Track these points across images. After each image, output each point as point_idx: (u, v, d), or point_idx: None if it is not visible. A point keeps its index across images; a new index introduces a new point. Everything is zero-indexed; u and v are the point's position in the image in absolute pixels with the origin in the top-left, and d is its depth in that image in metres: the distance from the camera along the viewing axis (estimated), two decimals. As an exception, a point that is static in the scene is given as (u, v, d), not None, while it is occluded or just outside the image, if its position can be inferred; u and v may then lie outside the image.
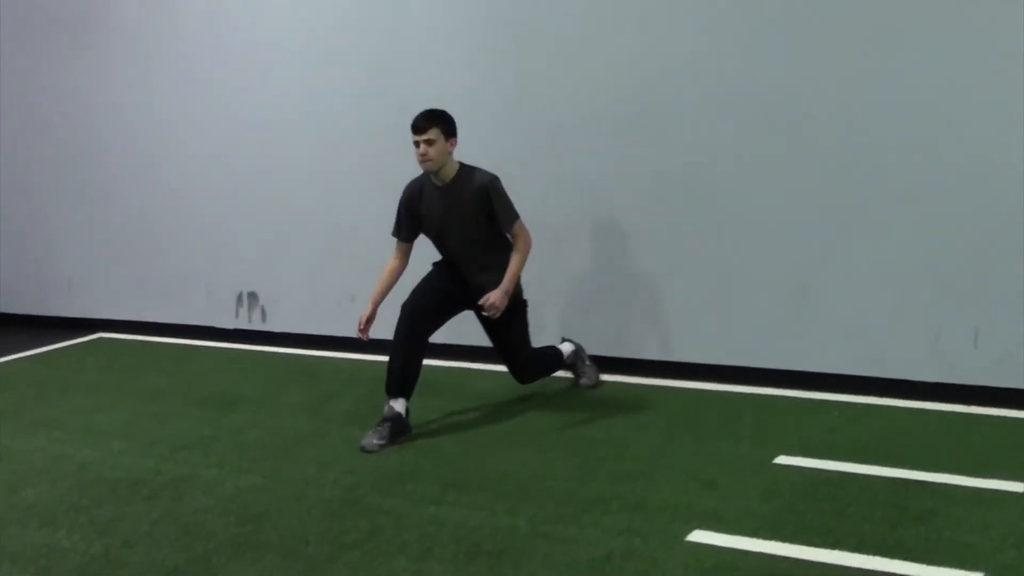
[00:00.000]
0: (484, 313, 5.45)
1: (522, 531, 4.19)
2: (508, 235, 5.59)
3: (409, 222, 5.72)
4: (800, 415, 5.49)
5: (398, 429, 5.36)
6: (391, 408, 5.40)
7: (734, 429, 5.30)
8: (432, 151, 5.39)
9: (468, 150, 5.66)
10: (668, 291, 6.23)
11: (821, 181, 5.74)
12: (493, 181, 5.52)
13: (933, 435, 5.10)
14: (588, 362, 6.24)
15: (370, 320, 5.65)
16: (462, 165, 5.56)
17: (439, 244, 5.75)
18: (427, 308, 5.57)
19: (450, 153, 5.48)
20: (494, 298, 5.40)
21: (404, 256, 5.79)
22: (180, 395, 6.46)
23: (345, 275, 7.27)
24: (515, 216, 5.57)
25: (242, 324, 7.83)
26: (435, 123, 5.40)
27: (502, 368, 6.51)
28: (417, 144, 5.39)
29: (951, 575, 3.61)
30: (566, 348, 6.19)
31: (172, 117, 7.94)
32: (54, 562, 4.11)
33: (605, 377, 6.25)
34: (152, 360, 7.51)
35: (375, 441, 5.27)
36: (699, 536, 4.05)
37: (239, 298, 7.82)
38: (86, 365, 7.54)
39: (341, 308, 7.26)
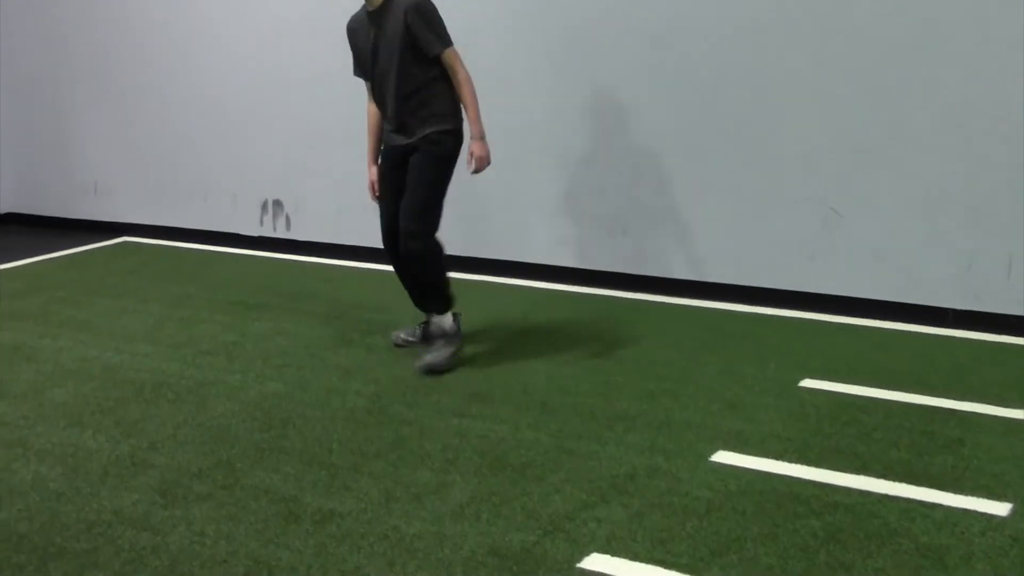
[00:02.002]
0: (473, 172, 4.96)
1: (545, 446, 4.19)
2: (441, 64, 4.89)
3: (358, 55, 5.14)
4: (827, 339, 5.45)
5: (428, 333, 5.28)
6: (437, 323, 5.22)
7: (760, 351, 5.27)
8: None
9: (488, 62, 5.56)
10: (698, 211, 6.16)
11: (853, 102, 5.63)
12: (419, 2, 4.79)
13: (962, 363, 5.04)
14: (455, 348, 5.18)
15: (374, 182, 5.29)
16: None
17: (372, 87, 5.11)
18: (395, 223, 5.10)
19: None
20: (478, 150, 4.90)
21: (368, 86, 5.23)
22: (204, 301, 6.46)
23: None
24: (446, 42, 4.85)
25: (267, 232, 7.81)
26: None
27: (527, 282, 6.53)
28: None
29: (978, 504, 3.59)
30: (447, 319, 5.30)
31: (200, 21, 7.85)
32: (81, 461, 4.14)
33: (635, 295, 6.21)
34: (177, 265, 7.51)
35: (402, 336, 5.37)
36: (723, 457, 4.04)
37: (264, 205, 7.79)
38: (112, 268, 7.54)
39: (366, 217, 7.21)
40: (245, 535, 3.55)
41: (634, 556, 3.35)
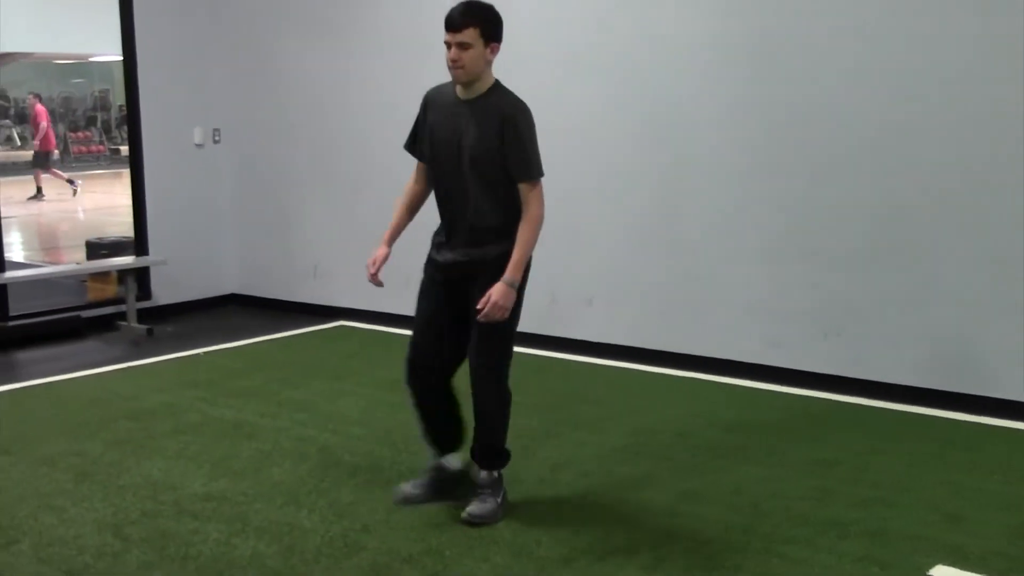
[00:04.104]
0: (480, 318, 4.28)
1: (756, 549, 4.11)
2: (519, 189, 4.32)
3: (424, 133, 4.56)
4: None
5: (440, 481, 4.60)
6: (440, 461, 4.61)
7: (983, 462, 5.06)
8: (466, 57, 4.22)
9: (703, 152, 5.50)
10: (917, 313, 5.98)
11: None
12: (523, 116, 4.30)
13: None
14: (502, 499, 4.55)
15: (377, 261, 4.69)
16: (498, 83, 4.39)
17: (437, 174, 4.49)
18: (430, 358, 4.56)
19: (489, 62, 4.32)
20: (496, 295, 4.22)
21: (425, 179, 4.63)
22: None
23: (582, 279, 7.29)
24: (536, 170, 4.32)
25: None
26: (474, 22, 4.23)
27: (737, 381, 6.44)
28: (449, 46, 4.26)
29: None
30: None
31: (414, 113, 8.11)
32: (296, 540, 4.26)
33: (848, 399, 6.05)
34: (390, 350, 7.66)
35: (408, 489, 4.57)
36: (942, 572, 3.89)
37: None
38: (329, 351, 7.79)
39: (579, 312, 7.30)
40: (454, 623, 3.59)
41: (849, 671, 3.25)
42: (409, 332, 4.68)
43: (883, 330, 6.12)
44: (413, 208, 4.71)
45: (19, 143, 27.35)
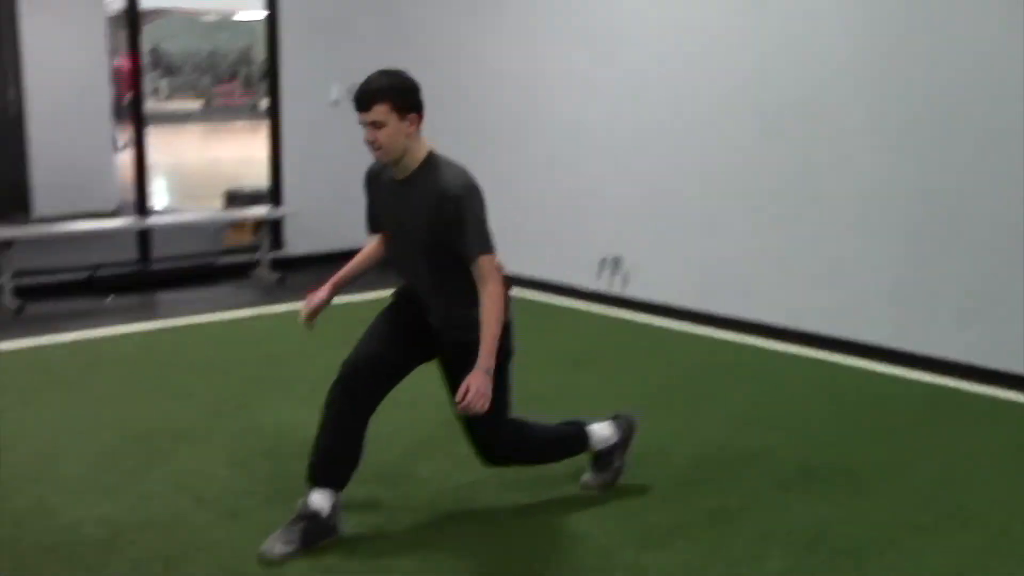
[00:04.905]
0: (460, 411, 3.84)
1: (870, 533, 4.07)
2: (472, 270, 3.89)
3: (374, 212, 4.25)
4: None
5: (313, 532, 3.90)
6: (308, 504, 3.95)
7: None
8: (382, 136, 3.85)
9: (838, 126, 5.39)
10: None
11: None
12: (465, 191, 3.86)
13: None
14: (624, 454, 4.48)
15: (318, 305, 4.31)
16: (431, 155, 3.97)
17: (392, 252, 4.22)
18: (369, 370, 4.04)
19: (409, 135, 3.89)
20: (476, 384, 3.73)
21: (384, 244, 4.28)
22: (536, 350, 6.59)
23: (712, 251, 7.23)
24: (486, 246, 3.87)
25: (602, 287, 7.93)
26: (381, 97, 3.86)
27: (864, 362, 6.32)
28: (364, 125, 3.92)
29: None
30: (601, 430, 4.45)
31: (551, 81, 8.13)
32: (411, 489, 4.36)
33: (973, 388, 5.90)
34: (518, 308, 7.71)
35: (279, 549, 3.83)
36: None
37: (602, 261, 7.91)
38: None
39: (704, 283, 7.26)
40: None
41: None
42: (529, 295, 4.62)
43: (1021, 319, 5.94)
44: (364, 267, 4.31)
45: (167, 93, 28.09)
